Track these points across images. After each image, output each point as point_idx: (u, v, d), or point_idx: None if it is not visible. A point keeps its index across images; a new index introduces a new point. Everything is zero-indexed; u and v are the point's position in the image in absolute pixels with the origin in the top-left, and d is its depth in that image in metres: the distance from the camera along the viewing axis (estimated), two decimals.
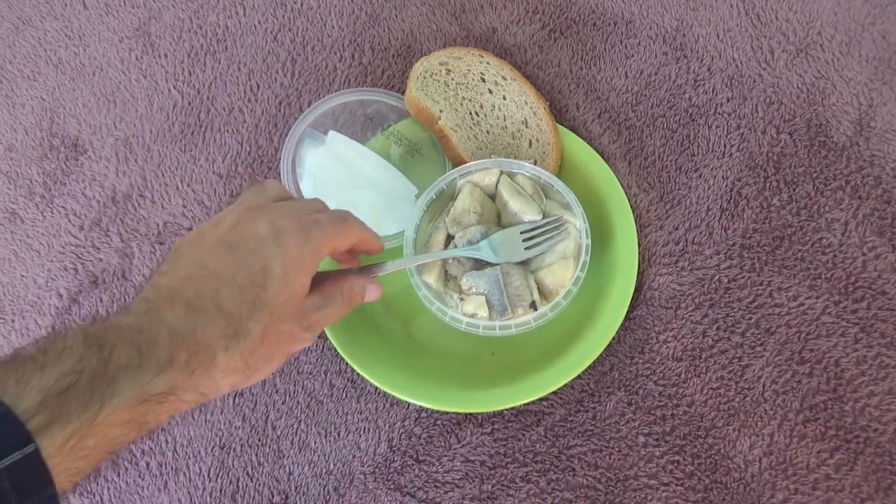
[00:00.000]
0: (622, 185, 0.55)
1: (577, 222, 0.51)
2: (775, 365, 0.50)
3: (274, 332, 0.37)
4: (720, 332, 0.52)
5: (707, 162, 0.57)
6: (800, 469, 0.47)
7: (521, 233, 0.51)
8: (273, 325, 0.37)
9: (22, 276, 0.60)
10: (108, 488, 0.53)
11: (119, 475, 0.53)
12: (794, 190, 0.55)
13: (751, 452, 0.48)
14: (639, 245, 0.54)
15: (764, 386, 0.50)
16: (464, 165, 0.53)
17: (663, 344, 0.52)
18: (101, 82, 0.67)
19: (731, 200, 0.56)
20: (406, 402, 0.52)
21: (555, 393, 0.52)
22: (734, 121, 0.58)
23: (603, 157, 0.57)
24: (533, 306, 0.49)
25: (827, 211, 0.54)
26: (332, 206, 0.54)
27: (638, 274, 0.53)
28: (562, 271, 0.50)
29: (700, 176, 0.57)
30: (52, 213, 0.62)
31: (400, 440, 0.52)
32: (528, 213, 0.52)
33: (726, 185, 0.56)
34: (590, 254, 0.50)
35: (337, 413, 0.53)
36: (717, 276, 0.54)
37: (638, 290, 0.54)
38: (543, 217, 0.52)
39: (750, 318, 0.52)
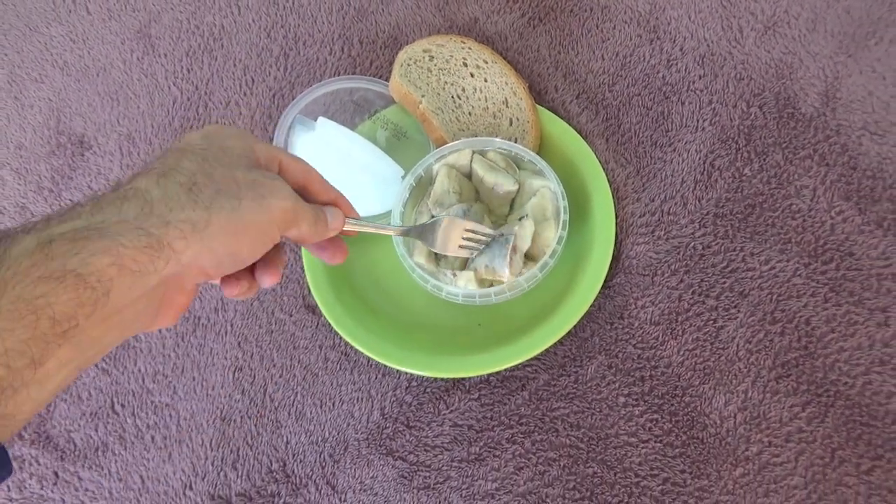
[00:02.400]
0: (600, 161, 0.58)
1: (551, 185, 0.54)
2: (748, 325, 0.52)
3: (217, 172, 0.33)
4: (695, 296, 0.54)
5: (681, 136, 0.60)
6: (773, 423, 0.49)
7: (467, 230, 0.52)
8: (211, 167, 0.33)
9: None
10: (116, 461, 0.56)
11: (126, 448, 0.56)
12: (764, 160, 0.58)
13: (726, 409, 0.50)
14: (616, 217, 0.57)
15: (738, 346, 0.52)
16: (436, 150, 0.56)
17: (641, 309, 0.54)
18: (104, 82, 0.70)
19: (705, 172, 0.58)
20: (397, 371, 0.55)
21: (538, 359, 0.54)
22: (706, 97, 0.60)
23: (581, 136, 0.59)
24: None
25: (796, 179, 0.56)
26: None
27: (616, 244, 0.56)
28: (545, 232, 0.52)
29: (674, 150, 0.59)
30: (60, 205, 0.65)
31: (391, 408, 0.54)
32: (504, 185, 0.54)
33: (699, 158, 0.59)
34: (568, 214, 0.52)
35: (331, 384, 0.56)
36: (692, 244, 0.56)
37: (616, 259, 0.56)
38: (519, 187, 0.55)
39: (724, 283, 0.54)
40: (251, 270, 0.38)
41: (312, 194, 0.40)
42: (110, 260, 0.28)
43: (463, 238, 0.51)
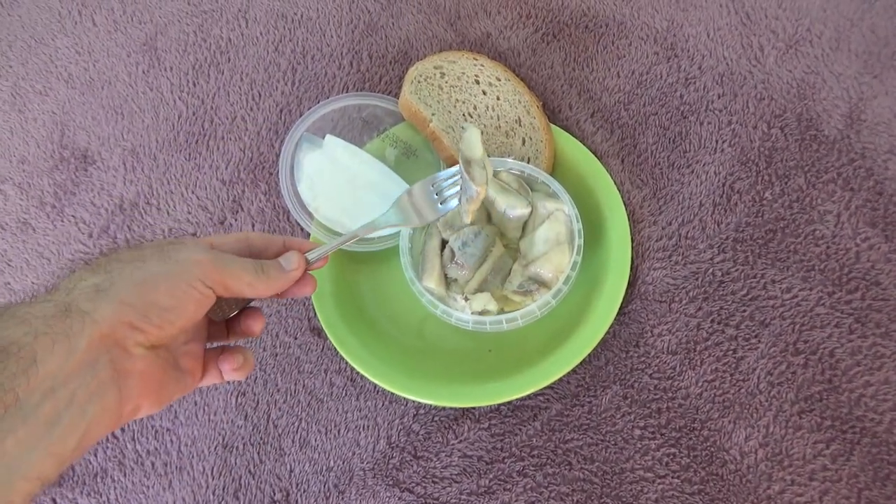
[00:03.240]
0: (615, 182, 0.56)
1: (565, 208, 0.52)
2: (770, 356, 0.51)
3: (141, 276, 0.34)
4: (714, 324, 0.52)
5: (699, 158, 0.58)
6: (796, 460, 0.47)
7: (433, 186, 0.51)
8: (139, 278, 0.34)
9: (33, 283, 0.62)
10: (115, 488, 0.54)
11: (125, 475, 0.54)
12: (785, 183, 0.56)
13: (746, 444, 0.48)
14: (632, 240, 0.55)
15: (759, 377, 0.50)
16: (447, 170, 0.55)
17: (658, 337, 0.52)
18: (109, 95, 0.69)
19: (724, 195, 0.56)
20: (404, 399, 0.53)
21: (551, 387, 0.52)
22: (725, 117, 0.59)
23: (596, 156, 0.57)
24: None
25: (819, 203, 0.54)
26: (330, 207, 0.56)
27: (632, 269, 0.54)
28: (558, 258, 0.51)
29: (692, 172, 0.58)
30: (63, 221, 0.64)
31: (399, 437, 0.53)
32: (517, 208, 0.53)
33: (718, 181, 0.57)
34: (583, 238, 0.50)
35: (337, 411, 0.54)
36: (710, 270, 0.54)
37: (632, 284, 0.54)
38: (532, 209, 0.53)
39: (744, 311, 0.52)
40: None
41: (262, 253, 0.41)
42: (24, 329, 0.29)
43: (435, 195, 0.51)
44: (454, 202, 0.51)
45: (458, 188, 0.51)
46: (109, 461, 0.55)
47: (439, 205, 0.51)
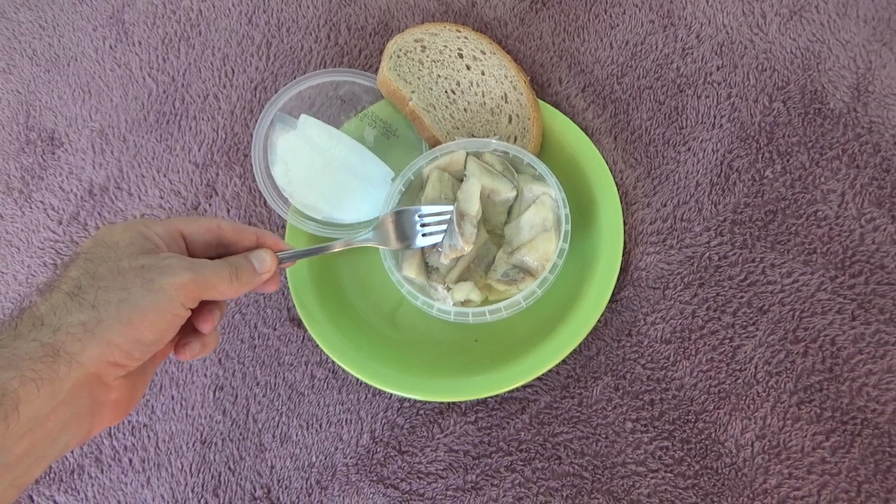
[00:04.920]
0: (607, 162, 0.53)
1: (552, 192, 0.49)
2: (768, 345, 0.48)
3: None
4: (710, 312, 0.50)
5: (696, 134, 0.55)
6: (794, 453, 0.46)
7: (419, 217, 0.49)
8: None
9: (2, 272, 0.60)
10: (92, 485, 0.52)
11: (102, 472, 0.53)
12: (787, 161, 0.53)
13: (743, 436, 0.47)
14: (624, 223, 0.52)
15: (756, 367, 0.48)
16: (427, 152, 0.52)
17: (651, 326, 0.50)
18: (75, 73, 0.66)
19: (722, 174, 0.53)
20: (388, 392, 0.51)
21: (539, 379, 0.50)
22: (724, 90, 0.55)
23: (587, 133, 0.54)
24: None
25: (823, 182, 0.52)
26: (306, 192, 0.53)
27: (624, 254, 0.51)
28: (544, 245, 0.48)
29: (689, 149, 0.54)
30: (31, 208, 0.61)
31: (382, 431, 0.51)
32: (501, 191, 0.50)
33: (716, 158, 0.54)
34: (570, 223, 0.48)
35: (318, 405, 0.52)
36: (706, 254, 0.51)
37: (624, 270, 0.52)
38: (517, 193, 0.51)
39: (741, 297, 0.50)
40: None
41: (232, 245, 0.40)
42: (11, 374, 0.29)
43: (420, 225, 0.49)
44: (437, 238, 0.49)
45: (444, 227, 0.49)
46: (86, 458, 0.53)
47: (421, 236, 0.49)
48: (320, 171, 0.53)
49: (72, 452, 0.53)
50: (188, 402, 0.53)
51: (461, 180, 0.53)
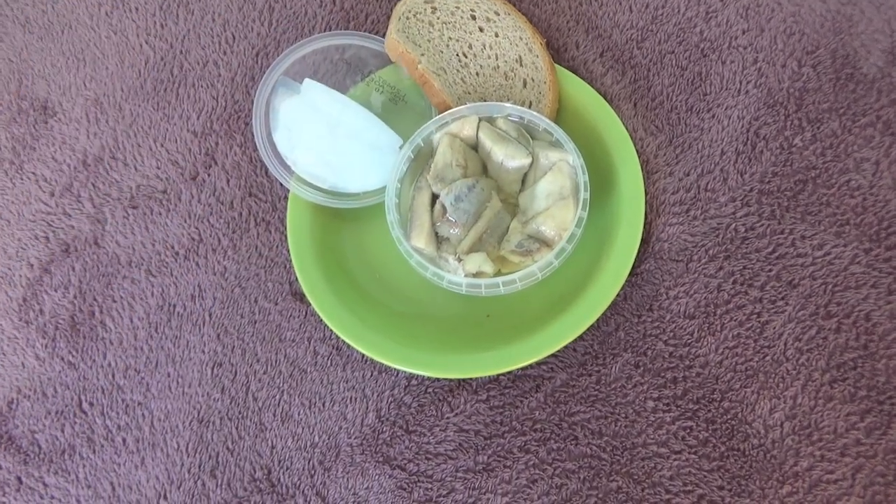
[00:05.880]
0: (627, 129, 0.50)
1: (569, 158, 0.47)
2: (798, 320, 0.46)
3: None
4: (737, 286, 0.47)
5: (721, 101, 0.52)
6: (826, 434, 0.43)
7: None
8: None
9: None
10: (84, 465, 0.50)
11: (95, 452, 0.50)
12: (818, 128, 0.50)
13: (771, 417, 0.44)
14: (646, 193, 0.49)
15: (786, 344, 0.45)
16: (437, 117, 0.49)
17: (674, 300, 0.47)
18: (69, 40, 0.63)
19: (748, 142, 0.51)
20: (395, 369, 0.48)
21: (555, 356, 0.47)
22: (750, 55, 0.53)
23: (606, 99, 0.52)
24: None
25: (855, 150, 0.49)
26: (309, 159, 0.51)
27: (645, 225, 0.49)
28: (561, 213, 0.45)
29: (713, 116, 0.52)
30: (22, 179, 0.59)
31: (389, 410, 0.48)
32: (515, 159, 0.47)
33: (742, 126, 0.51)
34: (589, 191, 0.45)
35: (321, 382, 0.50)
36: (732, 226, 0.49)
37: (645, 242, 0.49)
38: (533, 160, 0.48)
39: (770, 271, 0.47)
40: None
41: None
42: None
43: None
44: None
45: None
46: (77, 437, 0.51)
47: None
48: (325, 137, 0.51)
49: (62, 431, 0.51)
50: (185, 379, 0.51)
51: (474, 147, 0.51)
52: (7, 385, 0.53)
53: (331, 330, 0.49)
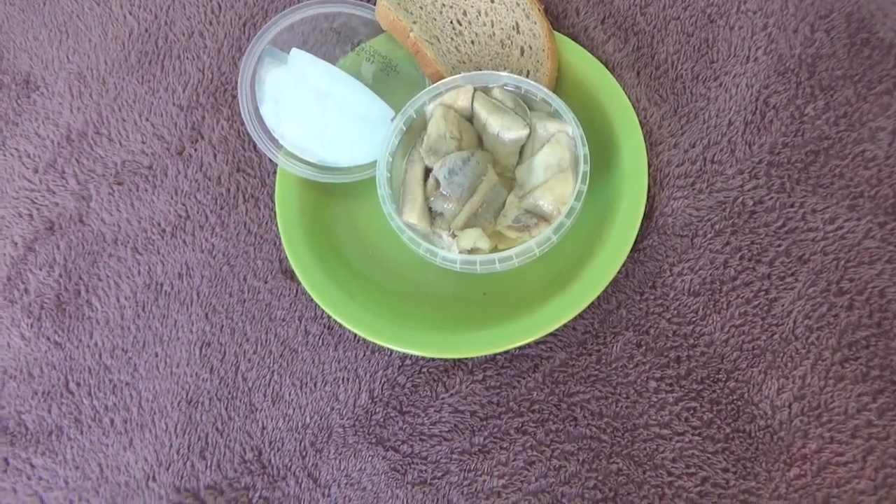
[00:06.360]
0: (630, 99, 0.48)
1: (569, 129, 0.44)
2: (808, 297, 0.44)
3: None
4: (744, 261, 0.45)
5: (728, 69, 0.50)
6: (836, 415, 0.41)
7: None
8: None
9: None
10: (72, 447, 0.49)
11: (82, 433, 0.49)
12: (831, 96, 0.48)
13: (779, 397, 0.42)
14: (649, 166, 0.47)
15: (795, 322, 0.43)
16: (430, 87, 0.47)
17: (678, 277, 0.46)
18: (52, 12, 0.61)
19: (757, 112, 0.48)
20: (388, 349, 0.47)
21: (554, 335, 0.46)
22: (760, 20, 0.50)
23: (607, 68, 0.49)
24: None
25: (871, 119, 0.46)
26: (298, 132, 0.49)
27: (648, 199, 0.47)
28: (560, 187, 0.43)
29: (720, 85, 0.49)
30: (4, 155, 0.57)
31: (382, 390, 0.47)
32: (512, 130, 0.45)
33: (751, 95, 0.49)
34: (589, 164, 0.43)
35: (313, 362, 0.48)
36: (740, 199, 0.46)
37: (648, 216, 0.47)
38: (530, 132, 0.46)
39: (779, 246, 0.45)
40: None
41: None
42: None
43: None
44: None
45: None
46: (64, 418, 0.50)
47: None
48: (313, 109, 0.49)
49: (49, 412, 0.50)
50: (173, 359, 0.49)
51: (469, 118, 0.49)
52: None
53: (322, 309, 0.47)
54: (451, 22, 0.50)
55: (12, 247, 0.54)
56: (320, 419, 0.47)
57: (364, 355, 0.48)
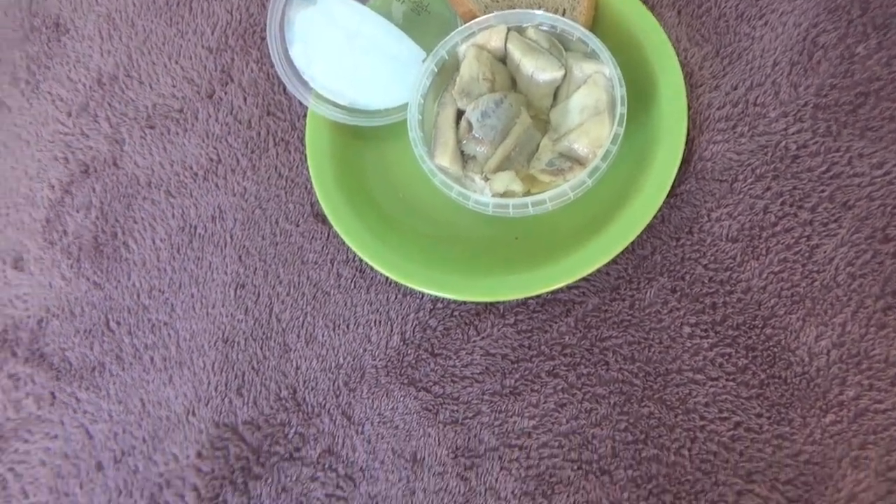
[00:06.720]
0: (670, 39, 0.46)
1: (606, 70, 0.43)
2: (852, 244, 0.42)
3: None
4: (785, 207, 0.44)
5: (775, 6, 0.47)
6: (876, 363, 0.41)
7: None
8: None
9: (13, 167, 0.56)
10: (114, 382, 0.51)
11: (123, 369, 0.51)
12: (884, 35, 0.45)
13: (817, 344, 0.41)
14: (689, 108, 0.46)
15: (837, 269, 0.42)
16: (462, 27, 0.46)
17: (716, 223, 0.45)
18: None
19: (805, 52, 0.46)
20: (419, 292, 0.47)
21: (587, 280, 0.45)
22: None
23: (646, 6, 0.47)
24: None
25: None
26: (328, 74, 0.48)
27: (687, 142, 0.45)
28: (596, 129, 0.42)
29: (766, 24, 0.47)
30: (38, 99, 0.57)
31: (414, 333, 0.47)
32: (546, 71, 0.44)
33: (798, 34, 0.46)
34: (626, 105, 0.42)
35: (345, 305, 0.49)
36: (783, 143, 0.45)
37: (686, 160, 0.46)
38: (566, 73, 0.45)
39: (822, 191, 0.44)
40: None
41: None
42: None
43: None
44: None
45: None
46: (106, 355, 0.51)
47: None
48: (343, 50, 0.48)
49: (91, 349, 0.51)
50: (208, 300, 0.50)
51: (502, 59, 0.47)
52: (36, 304, 0.53)
53: (354, 252, 0.47)
54: None
55: (49, 189, 0.55)
56: (353, 360, 0.48)
57: (396, 298, 0.48)
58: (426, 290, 0.45)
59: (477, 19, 0.46)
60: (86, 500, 0.48)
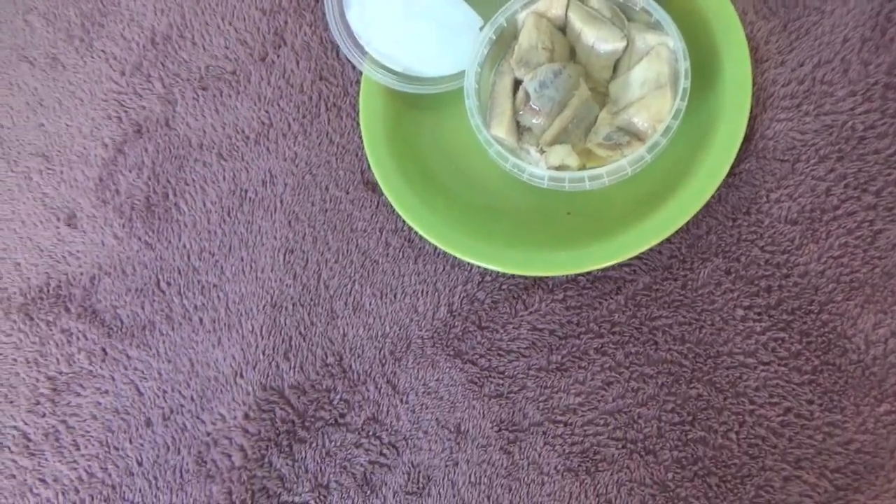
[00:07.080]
0: (736, 10, 0.45)
1: (670, 42, 0.42)
2: None
3: None
4: (849, 190, 0.43)
5: None
6: None
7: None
8: None
9: (67, 125, 0.57)
10: (164, 341, 0.52)
11: (173, 329, 0.52)
12: None
13: (875, 332, 0.41)
14: (753, 84, 0.44)
15: None
16: None
17: (775, 204, 0.44)
18: None
19: (877, 28, 0.44)
20: (468, 263, 0.47)
21: (639, 258, 0.45)
22: None
23: None
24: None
25: None
26: (383, 39, 0.48)
27: (749, 119, 0.44)
28: (657, 104, 0.41)
29: None
30: (93, 57, 0.58)
31: (461, 305, 0.47)
32: (608, 42, 0.43)
33: (872, 9, 0.45)
34: (690, 79, 0.41)
35: (393, 274, 0.49)
36: (850, 123, 0.43)
37: (748, 138, 0.45)
38: (627, 44, 0.43)
39: (889, 175, 0.42)
40: None
41: None
42: None
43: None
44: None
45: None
46: (157, 314, 0.52)
47: None
48: (400, 15, 0.47)
49: (142, 308, 0.52)
50: (258, 264, 0.51)
51: (562, 28, 0.46)
52: (89, 262, 0.54)
53: (403, 221, 0.47)
54: None
55: (103, 148, 0.56)
56: (399, 329, 0.48)
57: (444, 269, 0.48)
58: (475, 262, 0.45)
59: None
60: (135, 454, 0.49)
